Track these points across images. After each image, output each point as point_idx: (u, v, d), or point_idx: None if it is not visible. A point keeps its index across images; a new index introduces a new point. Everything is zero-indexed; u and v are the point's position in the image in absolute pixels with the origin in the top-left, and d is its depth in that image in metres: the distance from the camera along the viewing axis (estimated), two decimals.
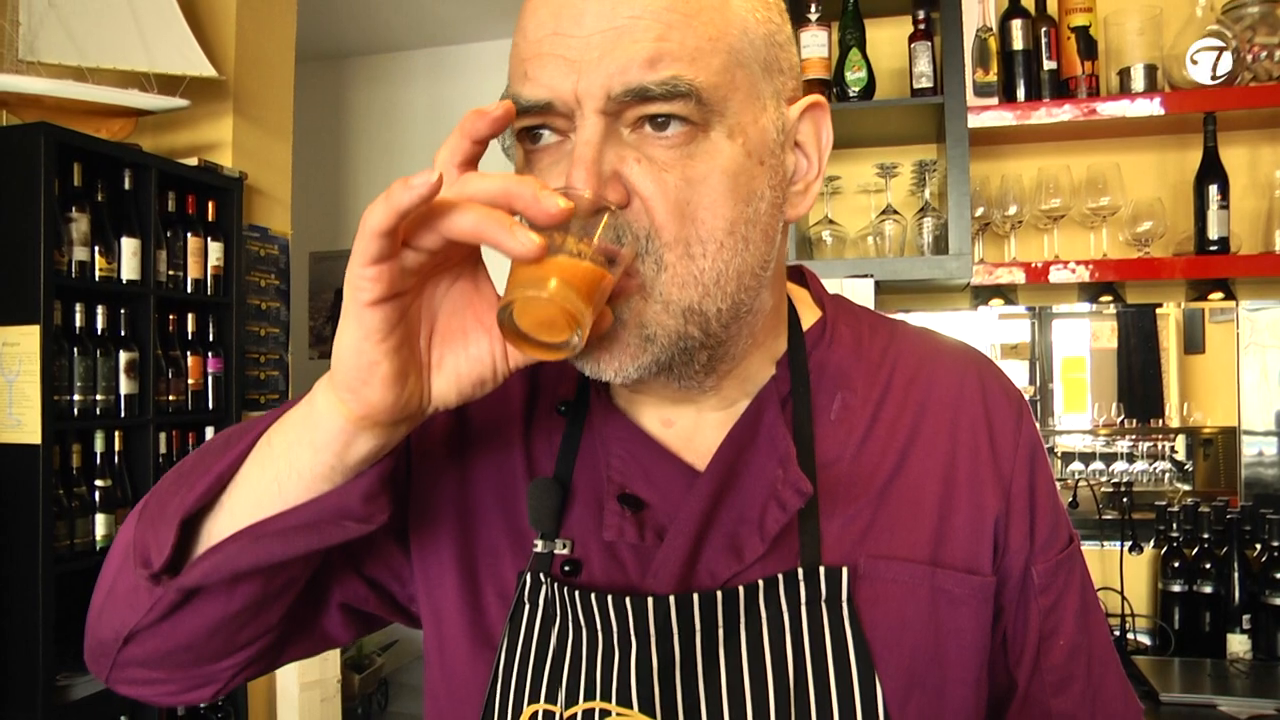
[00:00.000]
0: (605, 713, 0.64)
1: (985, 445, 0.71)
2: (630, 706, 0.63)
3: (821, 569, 0.65)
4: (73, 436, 2.39)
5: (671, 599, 0.64)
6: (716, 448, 0.69)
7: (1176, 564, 2.18)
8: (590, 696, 0.64)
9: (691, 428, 0.71)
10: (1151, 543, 2.26)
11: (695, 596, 0.64)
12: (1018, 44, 2.28)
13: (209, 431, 2.75)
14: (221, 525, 0.62)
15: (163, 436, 2.58)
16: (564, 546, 0.69)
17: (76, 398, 2.36)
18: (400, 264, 0.53)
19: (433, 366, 0.58)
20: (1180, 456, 2.37)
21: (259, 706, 2.90)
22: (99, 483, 2.41)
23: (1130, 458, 2.38)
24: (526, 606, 0.69)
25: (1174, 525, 2.20)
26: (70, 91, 2.44)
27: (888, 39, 2.41)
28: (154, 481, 2.65)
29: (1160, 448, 2.37)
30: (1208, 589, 2.13)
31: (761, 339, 0.70)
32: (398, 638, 3.84)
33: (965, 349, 0.77)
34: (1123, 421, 2.39)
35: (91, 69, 2.48)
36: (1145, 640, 2.21)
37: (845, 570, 0.65)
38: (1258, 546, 2.12)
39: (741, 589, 0.64)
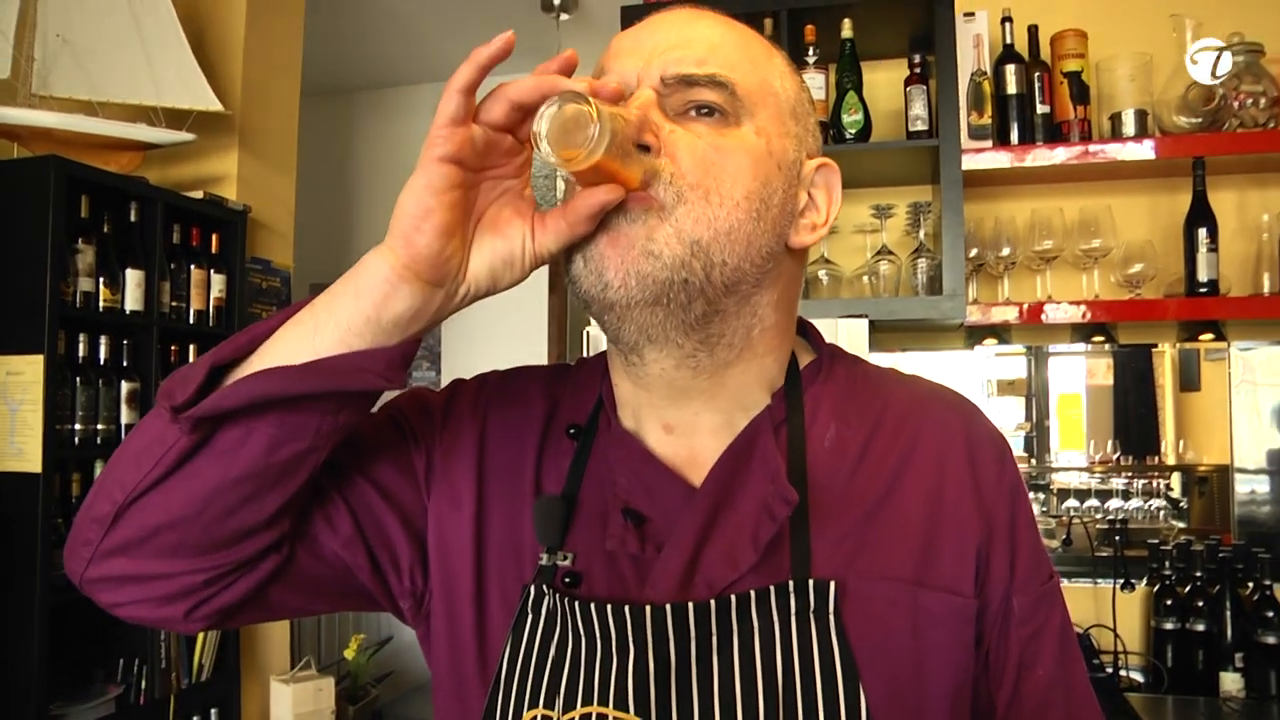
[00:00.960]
0: (603, 716, 0.67)
1: (969, 480, 0.75)
2: (627, 710, 0.67)
3: (811, 582, 0.68)
4: (73, 466, 2.40)
5: (668, 607, 0.68)
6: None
7: (1169, 602, 2.19)
8: (588, 701, 0.68)
9: (690, 443, 0.76)
10: (1144, 580, 2.27)
11: (690, 605, 0.68)
12: (1011, 88, 2.33)
13: None
14: (250, 370, 0.65)
15: None
16: (566, 559, 0.73)
17: (78, 427, 2.38)
18: (470, 134, 0.64)
19: (473, 245, 0.67)
20: (1176, 494, 2.38)
21: None
22: None
23: (1126, 495, 2.39)
24: (529, 616, 0.73)
25: (1167, 563, 2.21)
26: (80, 125, 2.47)
27: (884, 82, 2.46)
28: None
29: (1156, 485, 2.39)
30: (1200, 627, 2.14)
31: (761, 352, 0.75)
32: (393, 669, 3.82)
33: (954, 395, 0.82)
34: (1118, 458, 2.41)
35: (101, 103, 2.53)
36: (1138, 678, 2.22)
37: (833, 584, 0.68)
38: (1250, 585, 2.14)
39: (734, 598, 0.68)
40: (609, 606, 0.68)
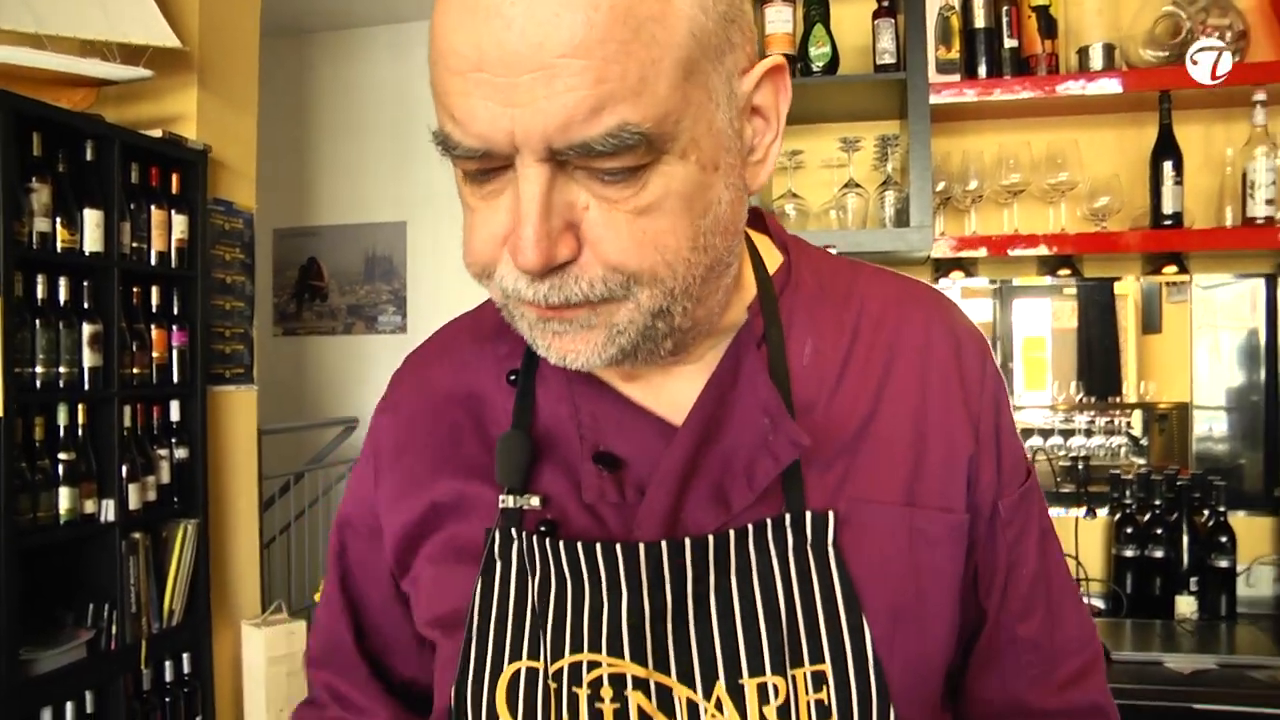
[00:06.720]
0: (594, 664, 0.63)
1: (956, 387, 0.71)
2: (621, 656, 0.63)
3: (808, 514, 0.65)
4: (35, 409, 2.37)
5: (664, 544, 0.64)
6: (691, 400, 0.68)
7: (1129, 530, 2.24)
8: (577, 649, 0.64)
9: (659, 381, 0.70)
10: (1106, 510, 2.32)
11: (687, 541, 0.64)
12: (979, 22, 2.31)
13: (174, 405, 2.73)
14: None
15: (127, 410, 2.56)
16: (538, 502, 0.68)
17: (39, 370, 2.34)
18: None
19: None
20: (1136, 432, 2.43)
21: (225, 680, 2.89)
22: (62, 456, 2.38)
23: (1088, 433, 2.43)
24: (498, 563, 0.68)
25: (1127, 493, 2.26)
26: (29, 59, 2.39)
27: (851, 15, 2.43)
28: (118, 455, 2.55)
29: (1117, 423, 2.43)
30: (1159, 554, 2.20)
31: (728, 300, 0.69)
32: None
33: (927, 289, 0.78)
34: (1081, 399, 2.45)
35: (50, 37, 2.45)
36: (1099, 604, 2.27)
37: (831, 515, 0.65)
38: (1206, 512, 2.19)
39: (731, 533, 0.65)
40: (598, 546, 0.64)
